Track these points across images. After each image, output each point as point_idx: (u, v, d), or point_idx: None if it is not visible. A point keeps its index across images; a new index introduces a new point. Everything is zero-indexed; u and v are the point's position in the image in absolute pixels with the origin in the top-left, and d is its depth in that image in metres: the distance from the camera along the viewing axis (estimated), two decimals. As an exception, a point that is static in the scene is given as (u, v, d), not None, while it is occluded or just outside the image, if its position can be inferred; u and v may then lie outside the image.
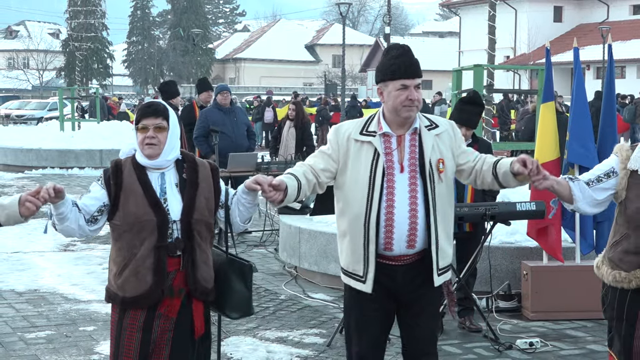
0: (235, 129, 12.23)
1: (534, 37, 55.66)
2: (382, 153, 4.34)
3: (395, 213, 4.32)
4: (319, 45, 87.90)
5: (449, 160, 4.43)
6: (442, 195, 4.40)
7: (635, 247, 4.30)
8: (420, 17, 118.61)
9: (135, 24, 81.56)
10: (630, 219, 4.30)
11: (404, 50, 4.39)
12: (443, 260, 4.45)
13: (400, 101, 4.31)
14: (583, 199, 4.36)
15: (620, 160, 4.35)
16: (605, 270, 4.44)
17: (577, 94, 8.16)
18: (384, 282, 4.41)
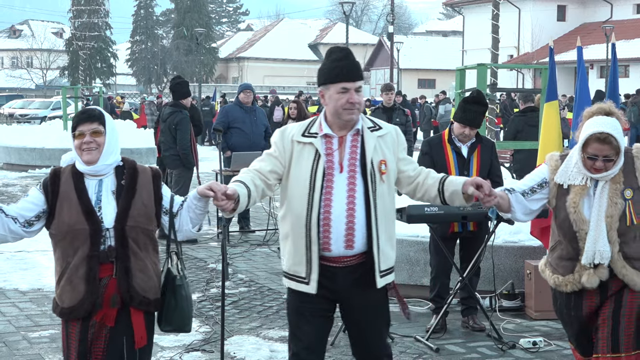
0: (254, 127, 12.35)
1: (537, 36, 55.61)
2: (323, 154, 4.36)
3: (332, 212, 4.32)
4: (323, 44, 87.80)
5: (391, 163, 4.44)
6: (383, 196, 4.39)
7: (567, 254, 4.56)
8: (424, 16, 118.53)
9: (138, 23, 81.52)
10: (560, 227, 4.56)
11: (345, 54, 4.41)
12: (385, 262, 4.42)
13: (341, 104, 4.33)
14: (519, 210, 4.61)
15: (550, 170, 4.59)
16: (548, 274, 4.70)
17: (580, 93, 8.15)
18: (325, 284, 4.40)
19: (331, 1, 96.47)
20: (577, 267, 4.53)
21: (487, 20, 13.41)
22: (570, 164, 4.54)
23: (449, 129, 7.47)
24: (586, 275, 4.51)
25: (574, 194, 4.48)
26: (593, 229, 4.43)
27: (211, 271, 10.00)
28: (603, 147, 4.42)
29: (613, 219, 4.44)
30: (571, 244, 4.53)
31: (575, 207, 4.46)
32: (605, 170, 4.45)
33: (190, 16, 78.15)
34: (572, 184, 4.50)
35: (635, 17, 56.97)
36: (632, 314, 4.53)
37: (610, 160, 4.43)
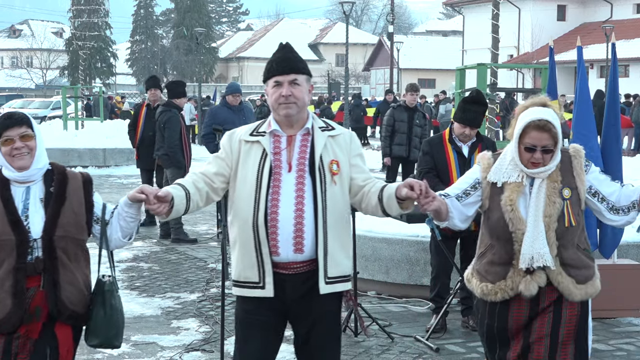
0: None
1: (537, 35, 55.60)
2: (270, 152, 4.17)
3: (279, 213, 4.10)
4: (322, 44, 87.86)
5: (344, 165, 4.22)
6: (335, 197, 4.16)
7: (500, 258, 4.27)
8: (424, 16, 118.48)
9: (138, 22, 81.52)
10: (493, 229, 4.27)
11: (281, 47, 4.30)
12: (334, 268, 4.16)
13: (275, 98, 4.17)
14: (457, 216, 4.33)
15: (482, 169, 4.33)
16: (474, 283, 4.39)
17: (580, 93, 8.15)
18: (276, 293, 4.16)
19: (331, 1, 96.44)
20: (510, 272, 4.22)
21: (487, 20, 13.41)
22: (504, 161, 4.27)
23: (449, 128, 7.46)
24: (524, 283, 4.18)
25: (509, 192, 4.19)
26: (531, 229, 4.13)
27: (211, 271, 10.00)
28: (542, 136, 4.15)
29: (552, 219, 4.15)
30: (505, 247, 4.22)
31: (512, 204, 4.17)
32: (543, 164, 4.18)
33: (190, 16, 78.16)
34: (507, 181, 4.22)
35: (635, 17, 56.97)
36: (571, 332, 4.24)
37: (549, 152, 4.17)
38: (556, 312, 4.23)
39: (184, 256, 11.00)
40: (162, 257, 10.99)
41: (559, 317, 4.22)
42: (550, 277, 4.20)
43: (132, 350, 7.05)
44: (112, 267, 4.23)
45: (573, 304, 4.26)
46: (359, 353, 6.99)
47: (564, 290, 4.21)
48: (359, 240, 8.21)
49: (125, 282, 9.55)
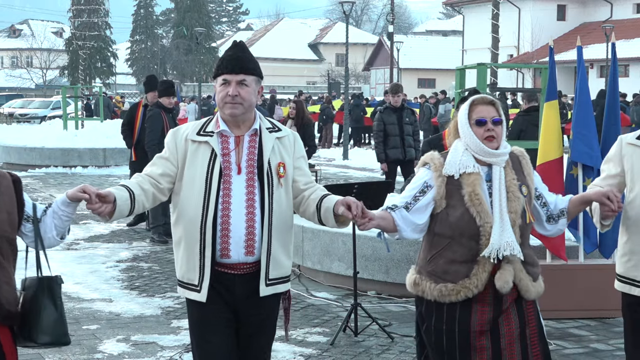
0: None
1: (537, 35, 55.60)
2: (219, 154, 4.12)
3: (231, 216, 4.08)
4: (322, 43, 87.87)
5: (289, 167, 4.22)
6: (280, 200, 4.17)
7: (462, 256, 4.13)
8: (424, 16, 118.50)
9: (138, 22, 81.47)
10: (455, 226, 4.13)
11: (234, 45, 4.30)
12: (276, 270, 4.18)
13: (221, 97, 4.15)
14: (406, 227, 4.18)
15: (434, 169, 4.22)
16: (427, 286, 4.19)
17: (580, 93, 8.15)
18: (222, 293, 4.16)
19: (331, 1, 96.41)
20: (474, 269, 4.10)
21: (487, 19, 13.41)
22: (457, 154, 4.22)
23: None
24: (499, 278, 4.08)
25: (470, 187, 4.12)
26: (498, 221, 4.08)
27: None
28: (489, 108, 4.20)
29: (517, 214, 4.14)
30: (469, 243, 4.10)
31: (478, 198, 4.09)
32: (496, 136, 4.16)
33: (190, 16, 78.12)
34: (465, 172, 4.15)
35: (635, 16, 56.98)
36: (536, 331, 4.22)
37: (499, 123, 4.19)
38: (519, 312, 4.19)
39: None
40: (162, 257, 10.99)
41: (522, 317, 4.19)
42: (514, 274, 4.13)
43: (132, 350, 7.05)
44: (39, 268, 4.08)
45: (530, 302, 4.24)
46: (359, 353, 7.00)
47: (522, 287, 4.17)
48: (359, 240, 8.21)
49: (125, 282, 9.56)
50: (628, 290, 4.57)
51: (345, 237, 8.80)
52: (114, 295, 8.93)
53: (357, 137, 32.19)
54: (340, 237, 9.02)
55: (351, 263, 7.92)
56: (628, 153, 4.58)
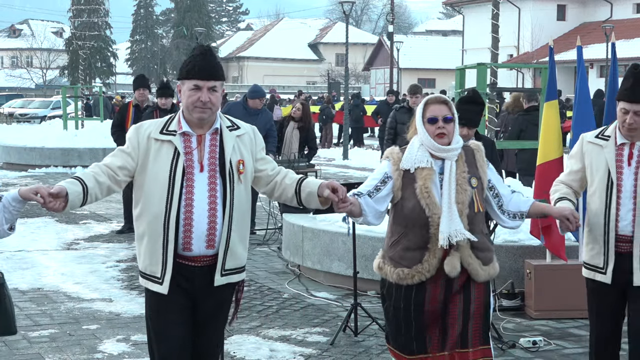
0: None
1: (537, 35, 55.59)
2: (182, 152, 4.32)
3: (194, 212, 4.30)
4: (322, 43, 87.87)
5: (248, 163, 4.45)
6: (240, 196, 4.40)
7: (415, 243, 4.56)
8: (424, 16, 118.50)
9: (138, 22, 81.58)
10: (407, 217, 4.57)
11: (203, 51, 4.42)
12: (232, 261, 4.41)
13: (192, 101, 4.30)
14: (369, 213, 4.62)
15: (392, 162, 4.64)
16: (388, 270, 4.65)
17: (580, 93, 8.15)
18: (182, 284, 4.38)
19: (331, 1, 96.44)
20: (425, 256, 4.54)
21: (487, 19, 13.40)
22: (413, 150, 4.62)
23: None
24: (448, 263, 4.50)
25: (422, 181, 4.54)
26: (446, 211, 4.47)
27: (211, 271, 10.00)
28: (441, 107, 4.60)
29: (464, 205, 4.52)
30: (420, 231, 4.54)
31: (427, 191, 4.51)
32: (447, 134, 4.56)
33: (190, 15, 78.20)
34: (419, 166, 4.56)
35: (635, 16, 56.97)
36: (480, 309, 4.60)
37: (450, 121, 4.58)
38: (466, 293, 4.58)
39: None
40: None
41: (469, 297, 4.58)
42: (462, 259, 4.53)
43: (132, 350, 7.05)
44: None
45: (480, 284, 4.62)
46: (358, 353, 7.00)
47: (472, 271, 4.57)
48: (359, 240, 8.21)
49: (125, 282, 9.56)
50: (592, 276, 5.09)
51: (345, 237, 8.80)
52: (114, 295, 8.93)
53: (357, 137, 32.19)
54: (340, 237, 9.02)
55: (351, 263, 7.92)
56: (588, 150, 5.07)
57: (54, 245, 11.63)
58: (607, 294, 5.05)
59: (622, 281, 4.99)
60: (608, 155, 4.97)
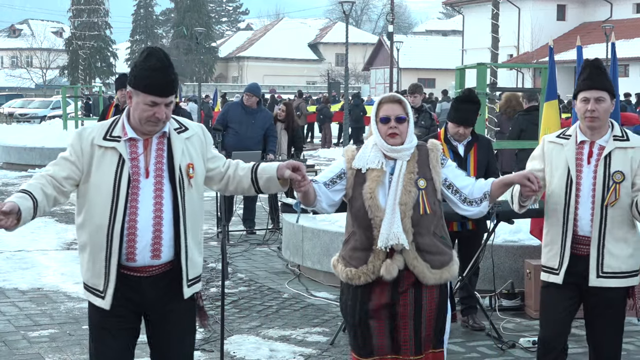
0: (249, 130, 12.22)
1: (537, 35, 55.60)
2: (127, 159, 4.10)
3: (138, 221, 4.08)
4: (322, 43, 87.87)
5: (199, 166, 4.26)
6: (192, 201, 4.20)
7: (361, 244, 4.51)
8: (424, 16, 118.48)
9: (138, 22, 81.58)
10: (355, 216, 4.53)
11: (164, 65, 4.10)
12: (193, 270, 4.24)
13: (146, 116, 4.08)
14: (324, 199, 4.55)
15: (346, 160, 4.59)
16: (340, 269, 4.61)
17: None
18: (129, 296, 4.17)
19: (331, 0, 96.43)
20: (370, 257, 4.46)
21: (487, 19, 13.40)
22: (367, 149, 4.56)
23: (444, 128, 7.47)
24: (384, 266, 4.42)
25: (370, 182, 4.47)
26: (388, 214, 4.39)
27: (211, 270, 10.00)
28: (394, 107, 4.52)
29: (407, 206, 4.41)
30: (365, 233, 4.47)
31: (371, 193, 4.43)
32: (399, 134, 4.48)
33: (190, 15, 78.21)
34: (370, 167, 4.49)
35: (635, 16, 56.98)
36: (432, 314, 4.52)
37: (403, 121, 4.50)
38: (417, 295, 4.49)
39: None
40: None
41: (420, 300, 4.49)
42: (406, 262, 4.44)
43: (131, 349, 7.04)
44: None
45: (432, 288, 4.51)
46: (358, 352, 6.99)
47: (418, 274, 4.46)
48: (358, 240, 8.20)
49: (125, 281, 9.55)
50: (547, 278, 5.04)
51: (345, 237, 8.79)
52: (114, 295, 8.92)
53: (357, 137, 32.18)
54: (340, 237, 9.01)
55: (351, 263, 7.91)
56: (549, 150, 5.04)
57: (54, 245, 11.63)
58: (559, 296, 4.99)
59: (577, 284, 4.93)
60: (568, 153, 4.92)
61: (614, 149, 4.87)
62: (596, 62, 4.94)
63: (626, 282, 4.94)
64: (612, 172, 4.83)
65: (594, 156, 4.89)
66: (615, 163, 4.84)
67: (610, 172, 4.83)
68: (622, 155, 4.86)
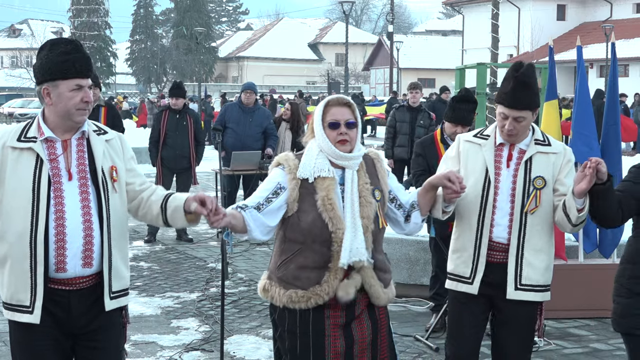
0: (247, 129, 12.27)
1: (537, 35, 55.61)
2: (46, 160, 3.82)
3: (66, 226, 3.79)
4: (322, 43, 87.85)
5: (121, 170, 3.99)
6: (116, 207, 3.94)
7: (314, 262, 4.03)
8: (424, 16, 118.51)
9: (138, 22, 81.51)
10: (307, 232, 4.02)
11: (76, 46, 3.88)
12: (117, 282, 3.93)
13: (74, 103, 3.82)
14: (256, 228, 4.03)
15: (288, 171, 4.09)
16: (277, 292, 4.08)
17: (580, 93, 8.15)
18: (56, 312, 3.84)
19: (331, 0, 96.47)
20: (325, 276, 4.00)
21: (486, 19, 13.41)
22: (312, 156, 4.10)
23: (440, 128, 7.46)
24: (342, 287, 3.99)
25: (325, 192, 4.01)
26: (350, 226, 3.98)
27: (211, 270, 10.01)
28: (343, 110, 4.08)
29: (369, 220, 4.05)
30: (321, 249, 4.00)
31: (331, 203, 3.99)
32: (349, 140, 4.06)
33: (189, 15, 78.17)
34: (319, 175, 4.04)
35: (634, 16, 56.98)
36: (385, 337, 4.19)
37: (353, 126, 4.08)
38: (372, 318, 4.13)
39: (184, 256, 11.00)
40: (162, 256, 10.99)
41: (375, 323, 4.14)
42: (363, 280, 4.05)
43: (132, 349, 7.05)
44: None
45: (382, 308, 4.19)
46: (358, 352, 6.99)
47: (373, 293, 4.09)
48: (358, 240, 8.19)
49: (125, 281, 9.55)
50: (455, 287, 4.71)
51: (345, 237, 8.78)
52: (114, 295, 8.92)
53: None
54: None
55: (351, 263, 7.90)
56: (465, 149, 4.71)
57: (54, 245, 11.61)
58: (471, 307, 4.68)
59: (489, 296, 4.65)
60: (487, 154, 4.62)
61: (536, 153, 4.60)
62: (522, 76, 4.51)
63: (542, 297, 4.65)
64: (533, 178, 4.55)
65: (513, 159, 4.62)
66: (536, 168, 4.57)
67: (530, 177, 4.56)
68: (544, 160, 4.60)
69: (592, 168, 4.20)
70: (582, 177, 4.25)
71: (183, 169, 11.82)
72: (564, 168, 4.62)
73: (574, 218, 4.40)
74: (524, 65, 4.56)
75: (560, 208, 4.48)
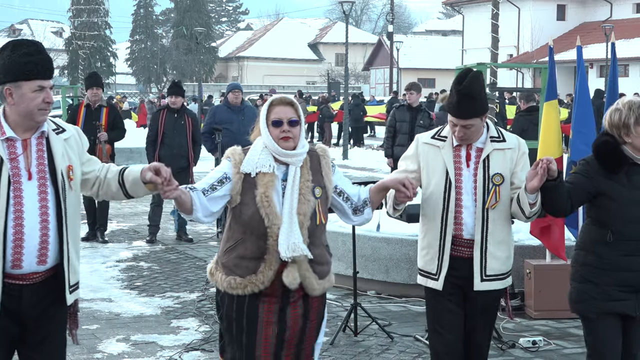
0: (242, 127, 12.22)
1: (537, 35, 55.61)
2: (7, 159, 3.90)
3: (25, 225, 3.90)
4: (322, 43, 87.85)
5: (77, 168, 4.11)
6: (73, 205, 4.07)
7: (252, 252, 4.27)
8: (424, 16, 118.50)
9: (138, 22, 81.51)
10: (247, 224, 4.26)
11: (38, 48, 4.00)
12: (73, 276, 4.09)
13: (36, 104, 3.92)
14: (200, 209, 4.27)
15: (233, 164, 4.33)
16: (219, 277, 4.36)
17: (580, 93, 8.15)
18: (10, 306, 3.97)
19: (331, 0, 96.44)
20: (261, 267, 4.24)
21: (486, 19, 13.40)
22: (256, 152, 4.33)
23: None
24: (287, 276, 4.22)
25: (263, 188, 4.24)
26: (286, 223, 4.20)
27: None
28: (286, 109, 4.32)
29: (306, 217, 4.26)
30: (258, 242, 4.25)
31: (268, 200, 4.22)
32: (292, 137, 4.29)
33: (189, 15, 78.20)
34: (261, 171, 4.26)
35: (634, 16, 56.98)
36: (314, 325, 4.42)
37: (296, 124, 4.31)
38: (305, 307, 4.36)
39: (184, 256, 11.00)
40: (162, 256, 11.00)
41: (308, 312, 4.37)
42: (299, 272, 4.27)
43: (132, 349, 7.05)
44: None
45: (315, 298, 4.39)
46: (358, 352, 7.00)
47: (308, 285, 4.31)
48: (358, 240, 8.21)
49: (125, 281, 9.56)
50: (424, 282, 4.91)
51: (345, 237, 8.80)
52: (114, 295, 8.93)
53: (357, 137, 32.19)
54: (340, 237, 9.02)
55: (351, 263, 7.92)
56: (424, 151, 4.88)
57: None
58: (442, 303, 4.84)
59: (461, 288, 4.82)
60: (446, 156, 4.80)
61: (492, 150, 4.79)
62: (464, 89, 4.67)
63: (504, 284, 4.88)
64: (492, 175, 4.75)
65: (472, 159, 4.80)
66: (494, 165, 4.77)
67: (489, 174, 4.75)
68: (501, 156, 4.79)
69: (543, 168, 4.49)
70: (534, 175, 4.52)
71: (181, 168, 11.79)
72: (520, 161, 4.84)
73: (527, 212, 4.68)
74: (467, 77, 4.67)
75: (515, 201, 4.73)
